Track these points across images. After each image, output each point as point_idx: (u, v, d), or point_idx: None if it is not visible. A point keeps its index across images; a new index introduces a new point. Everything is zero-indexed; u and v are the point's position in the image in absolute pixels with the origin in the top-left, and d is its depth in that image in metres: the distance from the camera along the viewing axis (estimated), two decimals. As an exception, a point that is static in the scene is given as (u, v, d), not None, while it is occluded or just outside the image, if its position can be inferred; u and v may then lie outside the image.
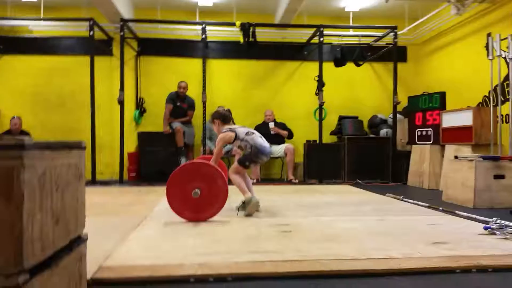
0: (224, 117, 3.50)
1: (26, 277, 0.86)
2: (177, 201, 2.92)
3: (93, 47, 6.11)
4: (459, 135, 5.17)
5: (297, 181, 6.31)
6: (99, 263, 1.79)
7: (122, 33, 6.16)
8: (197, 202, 2.89)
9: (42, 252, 0.93)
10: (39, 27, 6.95)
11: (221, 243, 2.26)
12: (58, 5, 6.95)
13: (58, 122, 7.01)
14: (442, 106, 5.65)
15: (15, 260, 0.84)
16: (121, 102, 6.03)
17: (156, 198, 4.29)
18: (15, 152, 0.86)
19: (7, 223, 0.85)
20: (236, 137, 3.36)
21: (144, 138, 6.49)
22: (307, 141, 6.75)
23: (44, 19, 6.56)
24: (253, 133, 3.41)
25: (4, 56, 7.01)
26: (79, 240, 1.19)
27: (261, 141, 3.38)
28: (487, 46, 4.74)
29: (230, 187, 3.02)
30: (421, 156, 5.79)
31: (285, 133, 6.69)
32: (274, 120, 6.79)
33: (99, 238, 2.24)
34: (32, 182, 0.89)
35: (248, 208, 3.19)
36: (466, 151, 4.96)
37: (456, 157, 4.29)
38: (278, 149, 6.55)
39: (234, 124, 3.63)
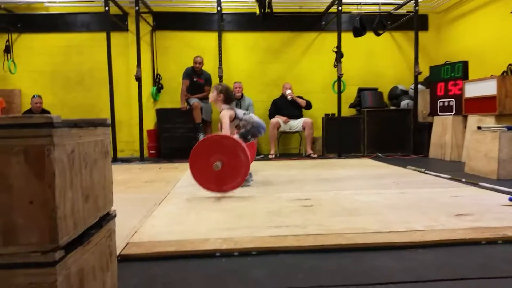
0: (229, 96, 3.52)
1: (62, 254, 0.88)
2: (200, 173, 2.96)
3: (109, 22, 6.08)
4: (482, 105, 5.04)
5: (316, 155, 6.29)
6: (127, 239, 1.84)
7: (137, 8, 6.10)
8: (219, 174, 2.92)
9: (74, 229, 0.95)
10: (54, 4, 6.94)
11: (244, 218, 2.28)
12: (73, -19, 6.91)
13: (77, 100, 7.10)
14: (465, 76, 5.50)
15: (50, 237, 0.86)
16: (138, 79, 6.04)
17: (176, 174, 4.34)
18: (45, 131, 0.86)
19: (41, 201, 0.86)
20: (236, 116, 3.47)
21: (163, 115, 6.52)
22: (326, 114, 6.68)
23: (59, -5, 6.55)
24: (249, 113, 3.59)
25: (22, 34, 7.05)
26: (108, 217, 1.21)
27: (258, 118, 3.57)
28: (514, 12, 4.55)
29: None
30: (443, 128, 5.68)
31: (302, 101, 6.60)
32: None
33: (125, 214, 2.29)
34: (62, 160, 0.90)
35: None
36: (489, 121, 4.84)
37: (479, 127, 4.19)
38: (296, 123, 6.50)
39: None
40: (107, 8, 5.92)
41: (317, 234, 1.90)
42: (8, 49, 6.79)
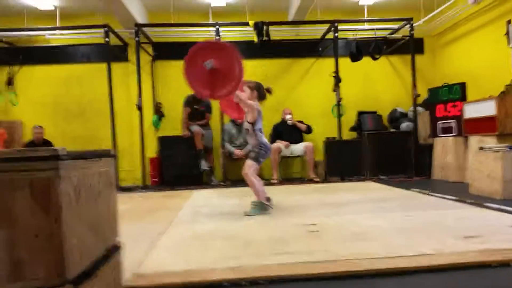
0: (262, 93, 3.49)
1: (69, 288, 0.86)
2: (193, 75, 3.02)
3: (109, 53, 6.17)
4: (483, 125, 5.05)
5: (318, 179, 6.26)
6: (132, 271, 1.80)
7: (137, 38, 6.21)
8: (212, 79, 2.93)
9: (81, 262, 0.93)
10: (55, 36, 7.07)
11: (250, 245, 2.25)
12: (73, 13, 7.05)
13: (78, 131, 7.12)
14: (463, 97, 5.54)
15: (58, 271, 0.84)
16: (139, 108, 6.09)
17: (179, 202, 4.31)
18: (51, 163, 0.86)
19: (47, 235, 0.85)
20: (256, 121, 3.41)
21: (164, 142, 6.53)
22: (327, 138, 6.69)
23: (60, 28, 6.66)
24: (263, 133, 3.52)
25: (24, 66, 7.15)
26: (115, 248, 1.19)
27: (265, 140, 3.51)
28: (507, 34, 4.63)
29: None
30: (444, 149, 5.68)
31: (303, 126, 6.62)
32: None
33: (129, 245, 2.24)
34: (68, 192, 0.89)
35: (260, 211, 3.28)
36: (490, 141, 4.84)
37: (481, 148, 4.19)
38: (297, 148, 6.50)
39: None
40: (107, 39, 6.02)
41: (325, 261, 1.86)
42: (10, 82, 6.88)
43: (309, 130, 6.66)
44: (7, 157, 0.84)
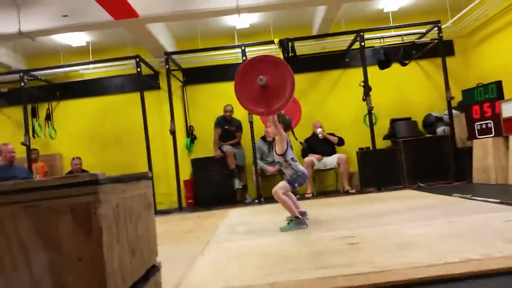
0: (288, 124, 3.52)
1: (113, 310, 0.88)
2: (246, 96, 3.08)
3: (142, 83, 6.38)
4: (524, 123, 4.85)
5: (354, 191, 6.16)
6: (172, 291, 1.82)
7: (167, 66, 6.39)
8: (265, 94, 2.93)
9: (123, 284, 0.95)
10: (89, 70, 7.39)
11: (288, 260, 2.23)
12: (105, 47, 7.37)
13: (115, 159, 7.35)
14: (500, 96, 5.34)
15: (101, 293, 0.86)
16: (173, 133, 6.22)
17: (215, 221, 4.33)
18: (91, 188, 0.89)
19: (89, 258, 0.88)
20: (286, 152, 3.40)
21: (198, 164, 6.62)
22: (360, 148, 6.59)
23: (93, 62, 6.97)
24: (296, 160, 3.49)
25: (61, 102, 7.49)
26: (154, 269, 1.21)
27: (302, 168, 3.48)
28: (542, 26, 4.45)
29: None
30: (484, 151, 5.47)
31: (334, 138, 6.57)
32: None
33: (168, 266, 2.28)
34: (108, 215, 0.92)
35: (296, 226, 3.24)
36: (533, 140, 4.63)
37: (524, 147, 4.01)
38: (330, 160, 6.44)
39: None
40: (139, 69, 6.23)
41: (368, 273, 1.82)
42: (48, 117, 7.22)
43: (341, 142, 6.59)
44: (49, 185, 0.88)
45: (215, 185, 6.45)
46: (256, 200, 6.22)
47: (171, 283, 1.94)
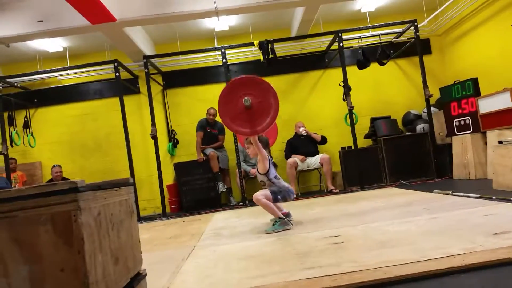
0: (265, 143, 3.58)
1: (96, 320, 0.86)
2: (230, 116, 3.05)
3: (121, 87, 6.29)
4: (500, 119, 4.97)
5: (337, 190, 6.20)
6: (158, 298, 1.79)
7: (146, 70, 6.33)
8: (250, 114, 2.92)
9: (107, 293, 0.93)
10: (67, 76, 7.26)
11: (274, 262, 2.23)
12: (82, 52, 7.26)
13: (96, 165, 7.24)
14: (477, 92, 5.47)
15: (84, 303, 0.84)
16: (154, 137, 6.16)
17: (200, 226, 4.31)
18: (71, 196, 0.87)
19: (71, 268, 0.86)
20: (268, 171, 3.43)
21: (181, 168, 6.57)
22: (342, 148, 6.65)
23: (70, 68, 6.85)
24: (279, 178, 3.52)
25: (39, 109, 7.34)
26: (139, 277, 1.19)
27: (287, 184, 3.52)
28: (515, 24, 4.58)
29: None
30: (463, 147, 5.58)
31: (317, 136, 6.60)
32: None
33: (153, 273, 2.26)
34: (89, 223, 0.90)
35: (282, 226, 3.26)
36: (509, 134, 4.75)
37: (500, 142, 4.10)
38: (313, 161, 6.47)
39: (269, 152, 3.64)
40: (117, 74, 6.15)
41: (353, 272, 1.83)
42: (26, 124, 7.06)
43: (324, 140, 6.63)
44: (26, 194, 0.86)
45: (199, 189, 6.41)
46: (241, 203, 6.20)
47: (157, 290, 1.91)
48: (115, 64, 6.16)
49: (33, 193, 0.86)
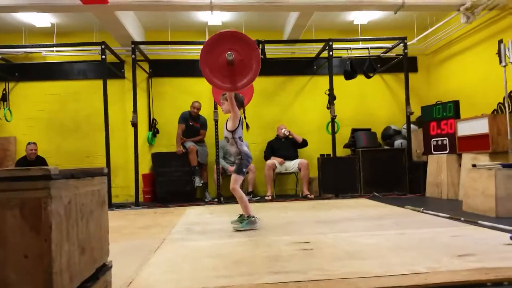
0: (241, 103, 3.61)
1: (56, 310, 0.85)
2: (212, 70, 3.07)
3: (106, 70, 6.19)
4: (476, 143, 5.09)
5: (312, 196, 6.25)
6: (122, 289, 1.78)
7: (133, 56, 6.24)
8: (232, 70, 2.97)
9: (70, 283, 0.92)
10: (52, 53, 7.10)
11: (242, 264, 2.23)
12: (70, 30, 7.10)
13: (73, 147, 7.10)
14: (457, 115, 5.59)
15: (45, 293, 0.83)
16: (134, 124, 6.08)
17: (172, 219, 4.28)
18: (42, 183, 0.85)
19: (36, 255, 0.84)
20: (236, 129, 3.48)
21: (158, 158, 6.51)
22: (321, 155, 6.70)
23: (56, 45, 6.70)
24: (243, 141, 3.61)
25: (19, 83, 7.15)
26: (104, 268, 1.18)
27: (247, 150, 3.61)
28: (499, 53, 4.70)
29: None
30: (438, 166, 5.70)
31: (299, 137, 6.64)
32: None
33: (120, 263, 2.23)
34: (59, 212, 0.89)
35: (250, 225, 3.34)
36: (483, 159, 4.88)
37: (474, 165, 4.21)
38: (292, 164, 6.51)
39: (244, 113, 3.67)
40: (104, 56, 6.05)
41: (319, 280, 1.85)
42: (4, 98, 6.87)
43: (305, 143, 6.67)
44: (-2, 176, 0.84)
45: (174, 181, 6.37)
46: (216, 199, 6.19)
47: (122, 282, 1.89)
48: (103, 46, 6.05)
49: (4, 176, 0.85)
